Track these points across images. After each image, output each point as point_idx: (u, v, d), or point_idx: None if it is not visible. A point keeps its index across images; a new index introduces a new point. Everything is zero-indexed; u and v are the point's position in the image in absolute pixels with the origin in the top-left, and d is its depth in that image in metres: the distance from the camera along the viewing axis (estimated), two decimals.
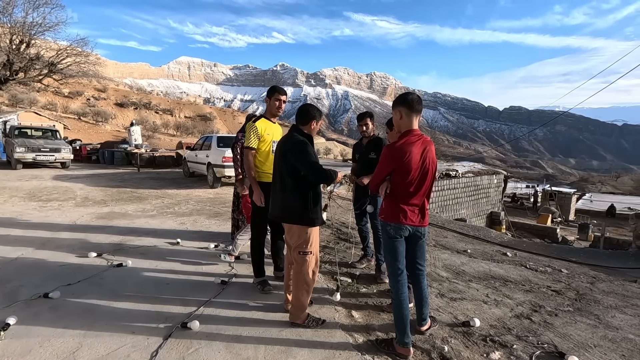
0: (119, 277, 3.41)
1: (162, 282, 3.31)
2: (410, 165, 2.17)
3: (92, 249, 4.11)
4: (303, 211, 2.50)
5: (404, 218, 2.22)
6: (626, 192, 45.79)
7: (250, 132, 3.12)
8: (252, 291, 3.18)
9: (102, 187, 9.04)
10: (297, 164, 2.46)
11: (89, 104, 43.31)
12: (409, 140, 2.20)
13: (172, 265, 3.78)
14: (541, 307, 3.14)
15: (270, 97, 3.17)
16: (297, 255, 2.55)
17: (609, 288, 3.70)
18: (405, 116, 2.23)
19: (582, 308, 3.17)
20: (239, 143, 4.47)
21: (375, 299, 3.18)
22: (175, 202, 7.42)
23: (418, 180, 2.22)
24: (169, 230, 5.16)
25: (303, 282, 2.55)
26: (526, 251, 4.78)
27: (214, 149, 9.52)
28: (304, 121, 2.62)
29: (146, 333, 2.43)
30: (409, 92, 2.26)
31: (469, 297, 3.28)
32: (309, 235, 2.52)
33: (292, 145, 2.49)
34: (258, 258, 3.22)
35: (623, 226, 22.12)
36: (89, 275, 3.40)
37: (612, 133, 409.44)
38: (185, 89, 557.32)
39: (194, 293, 3.10)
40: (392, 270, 2.31)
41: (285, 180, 2.53)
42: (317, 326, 2.57)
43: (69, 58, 17.57)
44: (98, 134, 31.04)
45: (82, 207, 6.60)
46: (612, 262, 4.62)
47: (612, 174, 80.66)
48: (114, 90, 54.93)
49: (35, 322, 2.52)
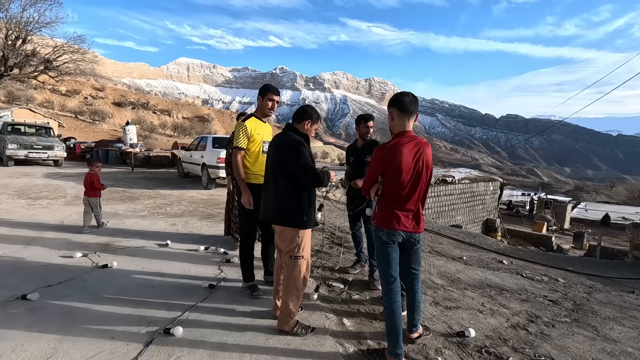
0: (103, 278, 3.29)
1: (147, 285, 3.19)
2: (401, 166, 2.07)
3: (77, 249, 3.99)
4: (296, 213, 2.40)
5: (397, 224, 2.13)
6: (620, 201, 46.07)
7: (239, 131, 3.00)
8: (241, 296, 3.07)
9: None
10: (291, 165, 2.36)
11: (86, 103, 43.10)
12: (401, 142, 2.11)
13: (160, 267, 3.66)
14: (538, 317, 3.06)
15: (262, 96, 3.04)
16: (288, 260, 2.45)
17: (606, 299, 3.63)
18: (397, 117, 2.14)
19: (580, 319, 3.09)
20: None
21: (367, 306, 3.08)
22: (167, 202, 7.29)
23: (411, 183, 2.12)
24: (159, 232, 5.04)
25: (293, 287, 2.44)
26: (522, 259, 4.70)
27: (209, 149, 9.41)
28: (298, 120, 2.53)
29: (126, 339, 2.32)
30: (403, 92, 2.16)
31: (464, 305, 3.19)
32: (300, 239, 2.42)
33: (286, 145, 2.39)
34: (247, 262, 3.11)
35: (618, 235, 22.20)
36: (71, 276, 3.27)
37: (607, 143, 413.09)
38: (184, 90, 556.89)
39: (180, 297, 2.98)
40: (384, 277, 2.21)
41: (278, 181, 2.43)
42: (306, 334, 2.46)
43: (66, 55, 17.42)
44: (94, 132, 30.81)
45: (72, 206, 6.45)
46: (608, 272, 4.56)
47: (606, 184, 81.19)
48: (112, 89, 54.73)
49: (9, 326, 2.40)
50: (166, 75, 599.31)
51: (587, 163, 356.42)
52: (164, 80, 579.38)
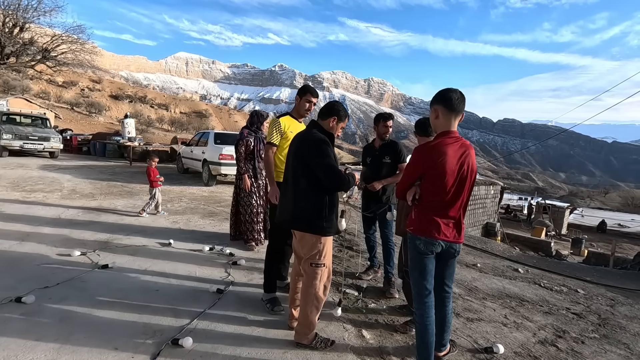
0: (103, 280, 3.08)
1: (151, 288, 2.99)
2: (444, 169, 1.89)
3: (75, 247, 3.77)
4: (316, 219, 2.20)
5: (436, 232, 1.94)
6: (614, 208, 46.39)
7: (272, 127, 2.96)
8: (252, 303, 2.87)
9: (91, 180, 8.63)
10: (313, 165, 2.16)
11: (83, 95, 42.43)
12: (445, 141, 1.92)
13: (163, 268, 3.46)
14: (565, 332, 2.90)
15: (301, 96, 2.97)
16: (309, 268, 2.25)
17: (631, 313, 3.48)
18: (442, 116, 1.95)
19: (609, 335, 2.94)
20: (243, 140, 4.19)
21: (385, 316, 2.90)
22: (167, 199, 7.07)
23: (455, 188, 1.93)
24: (160, 229, 4.83)
25: (313, 297, 2.25)
26: (538, 268, 4.56)
27: (210, 145, 9.18)
28: (324, 116, 2.34)
29: (131, 349, 2.12)
30: (451, 89, 1.96)
31: (486, 317, 3.03)
32: (322, 245, 2.23)
33: (310, 144, 2.19)
34: (273, 269, 2.85)
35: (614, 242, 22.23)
36: (70, 277, 3.06)
37: (601, 150, 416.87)
38: (182, 85, 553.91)
39: (186, 302, 2.79)
40: (418, 290, 2.03)
41: (299, 182, 2.23)
42: (326, 348, 2.28)
43: (64, 45, 17.05)
44: (91, 125, 30.30)
45: (69, 200, 6.22)
46: (627, 283, 4.42)
47: (600, 190, 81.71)
48: (109, 82, 54.04)
49: (3, 332, 2.19)
50: (164, 70, 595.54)
51: (582, 169, 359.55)
52: (162, 75, 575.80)
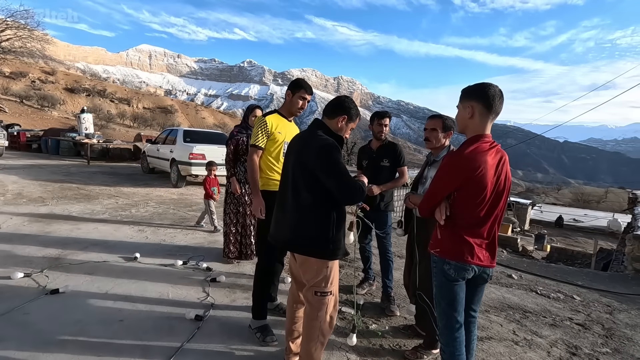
0: (52, 310, 2.53)
1: (114, 319, 2.48)
2: (484, 181, 1.58)
3: (18, 266, 3.16)
4: (322, 241, 1.82)
5: (469, 255, 1.63)
6: (566, 203, 49.54)
7: (257, 127, 2.49)
8: (238, 331, 2.45)
9: (41, 182, 7.71)
10: (323, 177, 1.77)
11: (33, 87, 39.05)
12: (481, 148, 1.61)
13: (128, 289, 2.94)
14: (577, 347, 2.72)
15: (293, 92, 2.48)
16: (312, 297, 1.87)
17: (631, 320, 3.40)
18: (479, 115, 1.63)
19: (620, 349, 2.80)
20: (233, 139, 3.71)
21: (390, 339, 2.59)
22: (132, 202, 6.40)
23: (491, 202, 1.63)
24: (123, 241, 4.25)
25: (318, 331, 1.87)
26: (530, 273, 4.47)
27: (179, 143, 8.52)
28: (331, 114, 1.95)
29: None
30: (489, 84, 1.63)
31: (495, 335, 2.79)
32: (329, 271, 1.86)
33: (316, 150, 1.78)
34: (264, 292, 2.43)
35: (570, 237, 23.66)
36: (8, 308, 2.48)
37: (554, 149, 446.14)
38: (145, 79, 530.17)
39: (158, 335, 2.32)
40: (446, 322, 1.71)
41: (301, 196, 1.83)
42: None
43: (9, 31, 15.40)
44: (43, 120, 27.87)
45: (13, 206, 5.42)
46: (616, 286, 4.43)
47: (554, 187, 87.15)
48: (64, 74, 50.24)
49: None
50: (126, 62, 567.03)
51: (538, 167, 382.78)
52: (123, 67, 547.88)
